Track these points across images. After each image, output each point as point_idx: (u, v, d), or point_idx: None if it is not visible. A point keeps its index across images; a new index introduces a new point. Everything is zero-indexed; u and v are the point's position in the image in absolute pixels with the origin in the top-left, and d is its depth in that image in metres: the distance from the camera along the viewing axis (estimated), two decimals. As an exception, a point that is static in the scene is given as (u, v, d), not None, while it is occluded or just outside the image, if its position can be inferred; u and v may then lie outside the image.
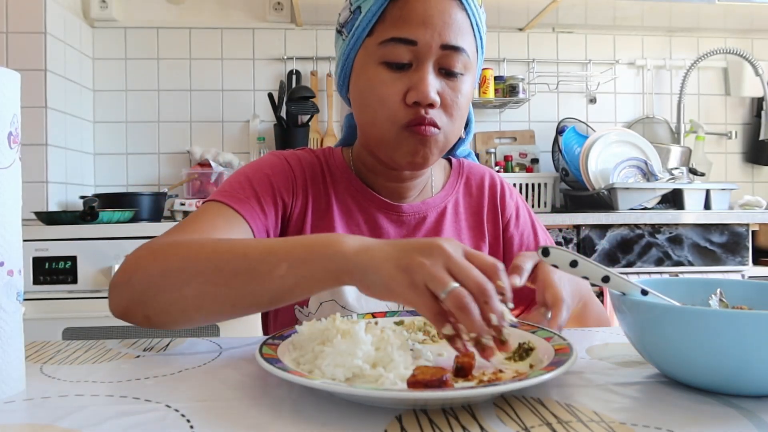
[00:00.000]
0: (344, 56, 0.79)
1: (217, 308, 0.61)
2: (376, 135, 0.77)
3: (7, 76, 0.47)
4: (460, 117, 0.77)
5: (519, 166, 2.42)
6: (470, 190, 0.91)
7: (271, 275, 0.57)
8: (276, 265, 0.57)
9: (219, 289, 0.59)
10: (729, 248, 1.88)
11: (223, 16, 2.41)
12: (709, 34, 2.59)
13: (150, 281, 0.62)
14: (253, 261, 0.58)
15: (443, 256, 0.50)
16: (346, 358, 0.49)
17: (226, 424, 0.42)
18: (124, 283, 0.64)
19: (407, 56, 0.73)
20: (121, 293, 0.64)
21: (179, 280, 0.60)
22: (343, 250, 0.55)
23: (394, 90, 0.73)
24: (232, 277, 0.58)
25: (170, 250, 0.63)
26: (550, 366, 0.47)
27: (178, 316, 0.62)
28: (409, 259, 0.50)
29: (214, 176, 2.22)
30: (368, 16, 0.74)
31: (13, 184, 0.48)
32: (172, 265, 0.61)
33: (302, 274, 0.56)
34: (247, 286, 0.58)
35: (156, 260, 0.63)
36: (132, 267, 0.64)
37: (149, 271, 0.62)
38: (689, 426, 0.41)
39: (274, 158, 0.85)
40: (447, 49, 0.73)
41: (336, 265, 0.54)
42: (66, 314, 1.63)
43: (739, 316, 0.43)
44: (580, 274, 0.52)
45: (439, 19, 0.72)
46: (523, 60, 2.52)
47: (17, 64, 1.92)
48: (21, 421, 0.43)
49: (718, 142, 2.61)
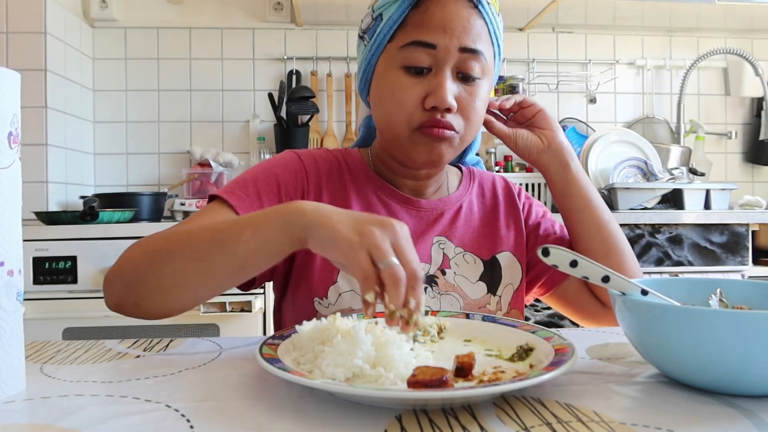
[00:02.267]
0: (366, 61, 0.82)
1: (195, 282, 0.65)
2: (392, 136, 0.80)
3: (7, 76, 0.47)
4: (476, 121, 0.80)
5: (519, 166, 2.42)
6: (483, 192, 0.94)
7: (237, 241, 0.61)
8: (241, 232, 0.61)
9: (194, 263, 0.64)
10: (729, 248, 1.88)
11: (223, 16, 2.41)
12: (709, 34, 2.59)
13: (136, 267, 0.66)
14: (221, 232, 0.63)
15: (393, 233, 0.55)
16: (346, 358, 0.49)
17: (226, 424, 0.42)
18: (115, 275, 0.68)
19: (427, 60, 0.75)
20: (113, 284, 0.68)
21: (160, 261, 0.65)
22: (301, 209, 0.59)
23: (412, 94, 0.76)
24: (204, 250, 0.63)
25: (154, 238, 0.68)
26: (550, 366, 0.47)
27: (164, 298, 0.66)
28: (363, 225, 0.55)
29: (214, 176, 2.22)
30: (389, 23, 0.77)
31: (13, 184, 0.48)
32: (154, 249, 0.66)
33: (264, 236, 0.60)
34: (217, 254, 0.62)
35: (141, 248, 0.68)
36: (122, 259, 0.69)
37: (135, 259, 0.67)
38: (689, 426, 0.41)
39: (287, 156, 0.87)
40: (465, 52, 0.75)
41: (292, 223, 0.59)
42: (66, 314, 1.63)
43: (739, 316, 0.43)
44: (580, 274, 0.52)
45: (458, 24, 0.74)
46: (523, 60, 2.52)
47: (17, 64, 1.92)
48: (21, 421, 0.43)
49: (718, 142, 2.61)
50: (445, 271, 0.84)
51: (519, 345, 0.57)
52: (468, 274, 0.85)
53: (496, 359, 0.57)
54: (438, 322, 0.64)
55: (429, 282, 0.83)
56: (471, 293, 0.84)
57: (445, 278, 0.84)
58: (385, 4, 0.78)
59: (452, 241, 0.86)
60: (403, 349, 0.53)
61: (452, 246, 0.86)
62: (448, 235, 0.87)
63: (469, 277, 0.85)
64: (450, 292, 0.83)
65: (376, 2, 0.80)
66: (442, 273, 0.84)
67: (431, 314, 0.67)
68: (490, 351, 0.59)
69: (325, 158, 0.88)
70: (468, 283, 0.85)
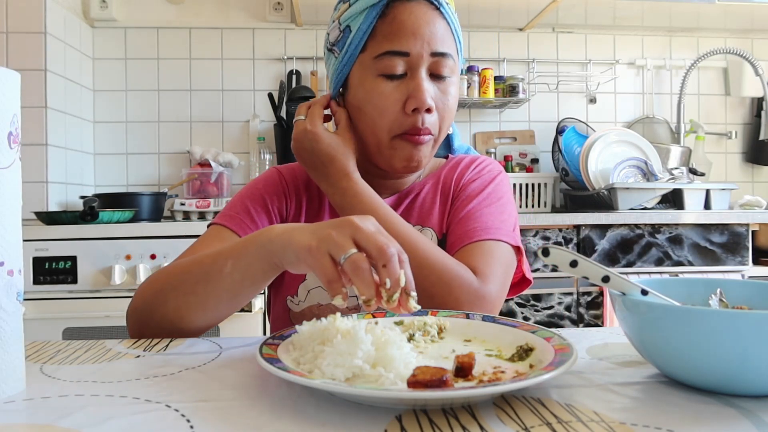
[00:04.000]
0: (337, 72, 0.84)
1: (193, 315, 0.69)
2: (373, 143, 0.83)
3: (7, 76, 0.47)
4: (448, 118, 0.83)
5: (519, 166, 2.42)
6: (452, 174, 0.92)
7: (221, 274, 0.65)
8: (223, 264, 0.65)
9: (189, 298, 0.68)
10: (729, 248, 1.88)
11: (223, 16, 2.41)
12: (709, 34, 2.59)
13: (145, 305, 0.72)
14: (206, 266, 0.67)
15: (352, 227, 0.55)
16: (346, 358, 0.49)
17: (226, 424, 0.42)
18: (132, 312, 0.74)
19: (401, 67, 0.79)
20: (131, 320, 0.74)
21: (162, 299, 0.70)
22: (269, 235, 0.61)
23: (392, 100, 0.79)
24: (194, 284, 0.67)
25: (161, 273, 0.73)
26: (550, 366, 0.47)
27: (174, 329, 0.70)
28: (321, 232, 0.56)
29: (214, 176, 2.22)
30: (359, 34, 0.80)
31: (13, 184, 0.48)
32: (158, 286, 0.72)
33: (244, 266, 0.63)
34: (206, 288, 0.66)
35: (150, 286, 0.73)
36: (136, 296, 0.74)
37: (145, 297, 0.72)
38: (689, 426, 0.41)
39: (269, 174, 0.93)
40: (436, 56, 0.79)
41: (265, 250, 0.61)
42: (66, 314, 1.63)
43: (739, 316, 0.43)
44: (580, 274, 0.52)
45: (426, 30, 0.78)
46: (523, 60, 2.52)
47: (17, 64, 1.92)
48: (21, 421, 0.43)
49: (718, 142, 2.61)
50: None
51: (519, 345, 0.57)
52: None
53: (496, 359, 0.57)
54: (438, 321, 0.64)
55: None
56: None
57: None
58: (351, 16, 0.80)
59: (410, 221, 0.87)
60: (403, 349, 0.53)
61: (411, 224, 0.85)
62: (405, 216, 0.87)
63: None
64: None
65: (341, 15, 0.82)
66: None
67: (431, 314, 0.67)
68: (490, 351, 0.59)
69: (301, 169, 0.92)
70: None
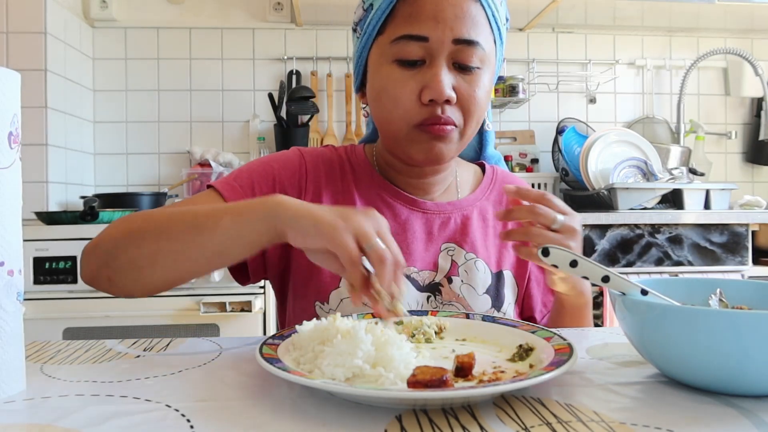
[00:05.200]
0: (357, 54, 0.80)
1: (169, 263, 0.65)
2: (391, 133, 0.77)
3: (7, 76, 0.47)
4: (477, 112, 0.75)
5: (519, 166, 2.42)
6: (501, 200, 0.88)
7: (215, 227, 0.61)
8: (220, 218, 0.61)
9: (170, 245, 0.64)
10: (729, 248, 1.88)
11: (223, 16, 2.41)
12: (709, 34, 2.59)
13: (113, 243, 0.67)
14: (200, 217, 0.63)
15: (377, 222, 0.56)
16: (346, 358, 0.49)
17: (226, 424, 0.42)
18: (93, 249, 0.69)
19: (419, 53, 0.72)
20: (90, 258, 0.69)
21: (137, 239, 0.65)
22: (280, 201, 0.59)
23: (408, 89, 0.72)
24: (181, 233, 0.63)
25: (136, 216, 0.69)
26: (550, 366, 0.47)
27: (137, 276, 0.66)
28: (346, 213, 0.56)
29: (214, 176, 2.22)
30: (378, 14, 0.73)
31: (13, 184, 0.48)
32: (133, 227, 0.67)
33: (242, 224, 0.60)
34: (194, 238, 0.62)
35: (121, 225, 0.69)
36: (102, 234, 0.69)
37: (114, 235, 0.68)
38: (689, 426, 0.41)
39: (290, 154, 0.85)
40: (460, 43, 0.71)
41: (274, 214, 0.59)
42: (66, 314, 1.63)
43: (739, 316, 0.43)
44: (580, 274, 0.52)
45: (450, 13, 0.70)
46: (523, 60, 2.52)
47: (17, 64, 1.92)
48: (21, 421, 0.43)
49: (718, 142, 2.61)
50: (451, 278, 0.80)
51: (519, 345, 0.57)
52: (476, 283, 0.81)
53: (496, 359, 0.57)
54: (438, 322, 0.64)
55: (432, 290, 0.80)
56: (475, 306, 0.79)
57: (451, 287, 0.80)
58: None
59: (463, 247, 0.82)
60: (403, 349, 0.53)
61: (462, 252, 0.81)
62: (458, 241, 0.82)
63: (476, 287, 0.81)
64: (453, 302, 0.79)
65: None
66: (448, 281, 0.80)
67: (431, 314, 0.67)
68: (490, 351, 0.59)
69: (328, 158, 0.85)
70: (474, 294, 0.80)
